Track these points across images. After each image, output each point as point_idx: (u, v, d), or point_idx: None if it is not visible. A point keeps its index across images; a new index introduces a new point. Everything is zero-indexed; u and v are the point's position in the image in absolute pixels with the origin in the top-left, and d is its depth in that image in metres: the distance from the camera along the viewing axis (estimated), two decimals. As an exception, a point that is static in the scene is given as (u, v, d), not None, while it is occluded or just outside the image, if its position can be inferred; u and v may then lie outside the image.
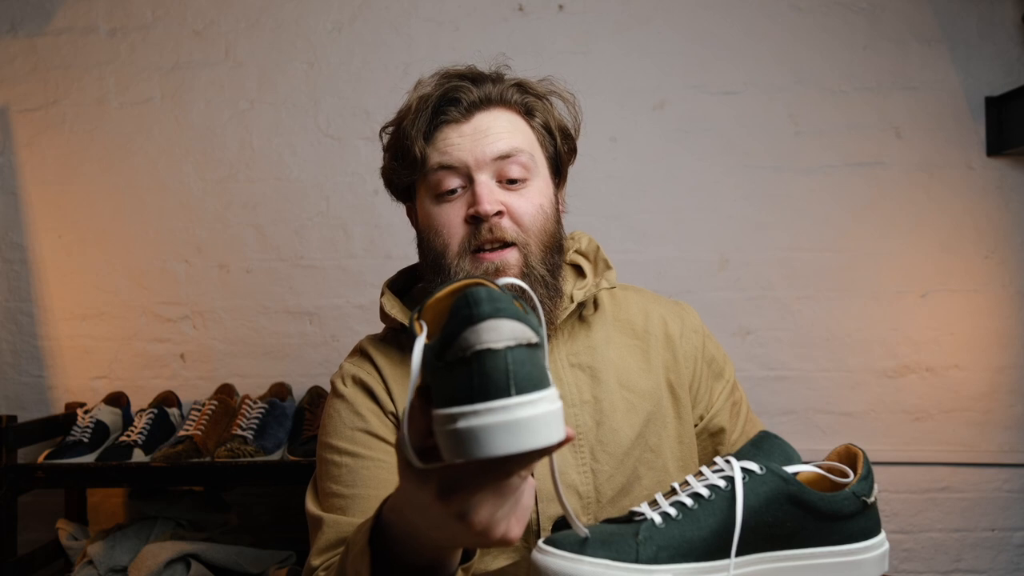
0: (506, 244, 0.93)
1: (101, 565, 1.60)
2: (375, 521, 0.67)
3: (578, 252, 1.09)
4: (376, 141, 1.08)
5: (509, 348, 0.49)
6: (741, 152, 2.05)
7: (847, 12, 2.05)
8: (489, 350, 0.49)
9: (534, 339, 0.50)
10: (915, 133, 2.04)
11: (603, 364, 1.01)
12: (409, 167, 0.97)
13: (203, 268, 2.04)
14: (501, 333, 0.49)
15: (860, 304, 2.04)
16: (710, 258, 2.05)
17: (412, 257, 1.07)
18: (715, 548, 0.67)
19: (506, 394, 0.48)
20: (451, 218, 0.94)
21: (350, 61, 2.06)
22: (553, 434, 0.48)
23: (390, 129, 1.02)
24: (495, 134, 0.94)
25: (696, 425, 1.05)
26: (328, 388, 1.27)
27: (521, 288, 0.61)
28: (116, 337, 2.03)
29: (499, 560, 0.92)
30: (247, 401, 1.79)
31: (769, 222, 2.04)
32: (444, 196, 0.95)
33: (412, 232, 1.04)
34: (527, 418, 0.48)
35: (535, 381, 0.49)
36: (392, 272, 1.10)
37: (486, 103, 0.95)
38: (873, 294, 2.04)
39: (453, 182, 0.94)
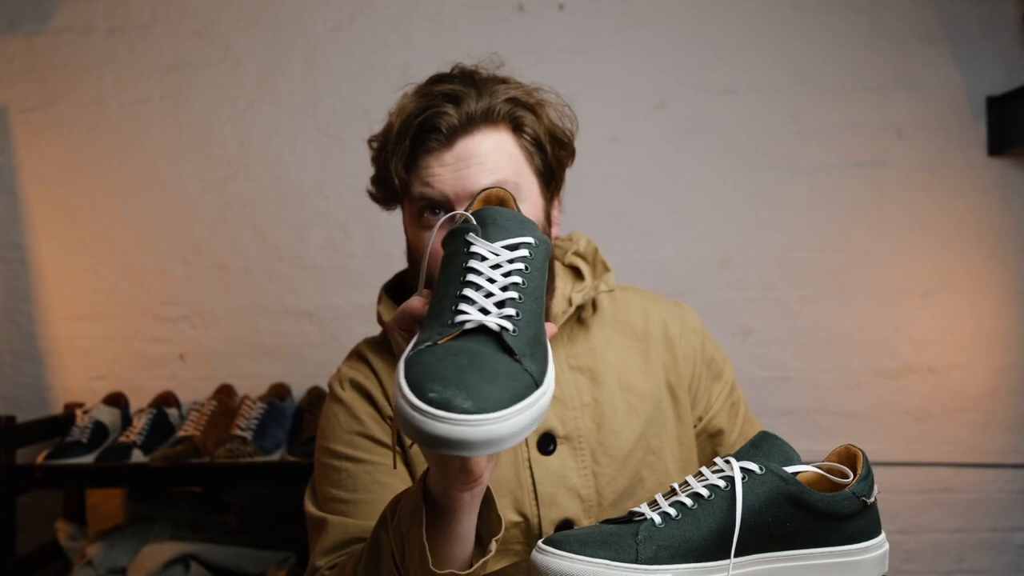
0: None
1: (100, 566, 1.60)
2: (424, 483, 0.70)
3: (576, 254, 1.07)
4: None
5: None
6: (741, 152, 2.04)
7: (847, 12, 2.05)
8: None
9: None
10: (916, 133, 2.04)
11: (603, 366, 1.00)
12: (391, 193, 0.97)
13: (202, 268, 2.03)
14: None
15: (861, 304, 2.03)
16: (710, 258, 2.04)
17: (412, 257, 1.06)
18: (715, 548, 0.66)
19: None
20: (435, 246, 0.89)
21: (350, 61, 2.05)
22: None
23: (375, 144, 0.99)
24: (478, 164, 0.89)
25: (695, 426, 1.05)
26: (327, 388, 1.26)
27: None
28: (115, 337, 2.03)
29: (500, 561, 0.92)
30: (246, 401, 1.78)
31: (769, 222, 2.04)
32: (427, 223, 0.92)
33: (412, 232, 1.04)
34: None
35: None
36: (393, 272, 1.09)
37: (469, 125, 0.90)
38: (874, 294, 2.03)
39: (435, 211, 0.91)
